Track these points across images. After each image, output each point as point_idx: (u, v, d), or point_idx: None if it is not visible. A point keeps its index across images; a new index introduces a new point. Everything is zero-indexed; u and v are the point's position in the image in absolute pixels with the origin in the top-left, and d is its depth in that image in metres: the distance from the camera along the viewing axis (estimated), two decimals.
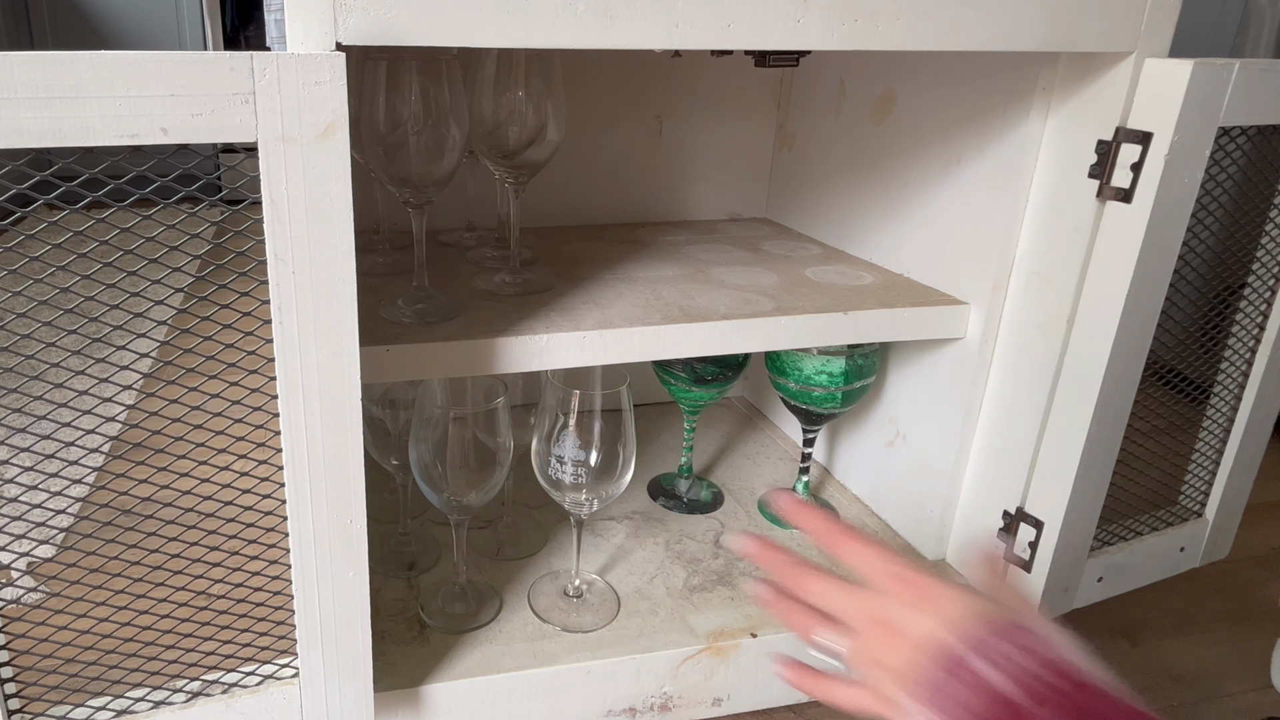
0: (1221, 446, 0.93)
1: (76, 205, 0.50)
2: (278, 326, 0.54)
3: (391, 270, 0.86)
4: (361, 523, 0.61)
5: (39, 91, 0.45)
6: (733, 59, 1.08)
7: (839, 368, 0.89)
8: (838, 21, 0.60)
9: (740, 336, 0.76)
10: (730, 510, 1.00)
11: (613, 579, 0.86)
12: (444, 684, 0.72)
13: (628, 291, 0.81)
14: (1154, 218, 0.68)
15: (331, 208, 0.53)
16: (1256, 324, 0.88)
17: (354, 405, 0.58)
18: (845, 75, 1.00)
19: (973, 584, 0.44)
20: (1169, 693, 0.93)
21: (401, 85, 0.66)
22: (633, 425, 0.75)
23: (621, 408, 0.74)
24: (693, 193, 1.15)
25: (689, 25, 0.57)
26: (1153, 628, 1.03)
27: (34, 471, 0.53)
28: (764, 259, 0.96)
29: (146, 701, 0.64)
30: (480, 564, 0.88)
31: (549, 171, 0.80)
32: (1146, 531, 0.87)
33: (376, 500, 0.96)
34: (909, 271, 0.91)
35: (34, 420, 0.54)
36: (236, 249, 0.54)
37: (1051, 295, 0.76)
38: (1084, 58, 0.71)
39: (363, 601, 0.63)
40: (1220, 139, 0.70)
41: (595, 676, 0.76)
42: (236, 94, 0.48)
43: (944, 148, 0.85)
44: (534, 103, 0.74)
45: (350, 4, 0.51)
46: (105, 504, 0.56)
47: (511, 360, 0.70)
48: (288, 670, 0.66)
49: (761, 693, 0.82)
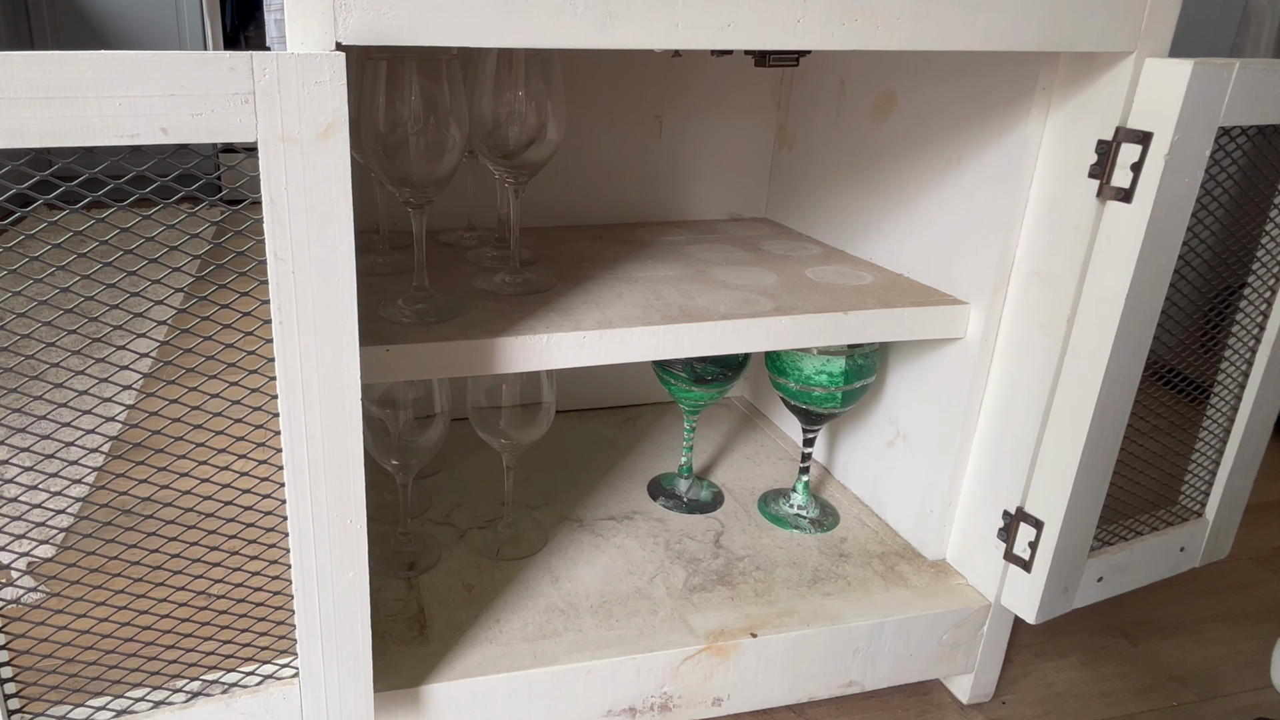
0: (1221, 446, 0.93)
1: (76, 205, 0.50)
2: (278, 326, 0.54)
3: (391, 270, 0.86)
4: (361, 523, 0.61)
5: (39, 91, 0.45)
6: (733, 59, 1.08)
7: (839, 368, 0.89)
8: (838, 21, 0.60)
9: (740, 336, 0.76)
10: (730, 510, 1.00)
11: (613, 579, 0.86)
12: (444, 684, 0.72)
13: (628, 291, 0.81)
14: (1154, 218, 0.68)
15: (331, 208, 0.53)
16: (1256, 324, 0.88)
17: (354, 405, 0.58)
18: (845, 75, 1.00)
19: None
20: (1169, 693, 0.93)
21: (401, 85, 0.66)
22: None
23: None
24: (693, 193, 1.15)
25: (689, 25, 0.57)
26: (1153, 628, 1.03)
27: (34, 471, 0.53)
28: (764, 259, 0.96)
29: (146, 701, 0.64)
30: (480, 564, 0.88)
31: (549, 171, 0.80)
32: (1146, 531, 0.87)
33: (376, 500, 0.96)
34: (909, 271, 0.91)
35: (34, 420, 0.54)
36: (236, 249, 0.54)
37: (1051, 295, 0.76)
38: (1084, 57, 0.71)
39: (363, 601, 0.63)
40: (1220, 139, 0.70)
41: (595, 676, 0.76)
42: (236, 94, 0.48)
43: (944, 148, 0.85)
44: (534, 103, 0.74)
45: (350, 4, 0.51)
46: (105, 504, 0.56)
47: (511, 360, 0.70)
48: (288, 670, 0.66)
49: (761, 693, 0.82)
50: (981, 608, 0.85)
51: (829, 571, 0.89)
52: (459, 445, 1.09)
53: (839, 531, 0.97)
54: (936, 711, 0.89)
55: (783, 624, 0.81)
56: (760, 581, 0.87)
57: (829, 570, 0.90)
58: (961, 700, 0.90)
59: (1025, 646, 0.98)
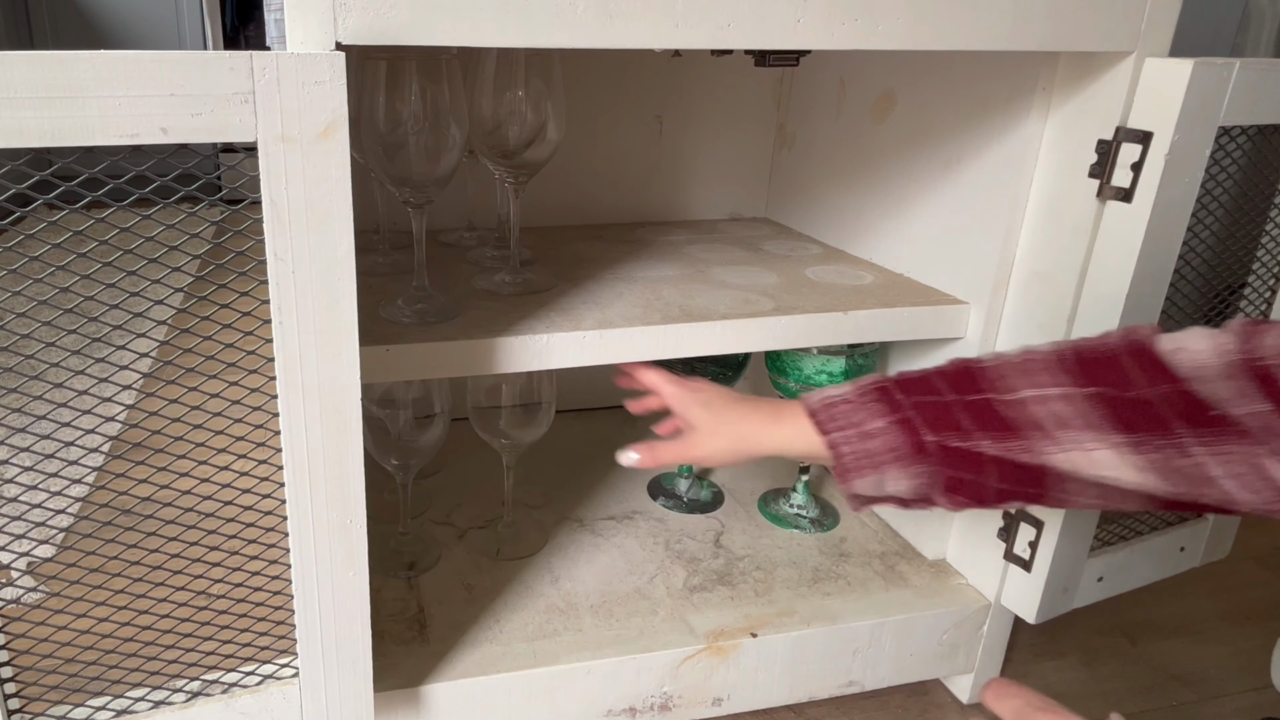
0: None
1: (76, 205, 0.50)
2: (278, 326, 0.54)
3: (391, 270, 0.86)
4: (361, 523, 0.61)
5: (39, 91, 0.45)
6: (733, 59, 1.08)
7: (839, 368, 0.89)
8: (838, 21, 0.60)
9: (740, 336, 0.76)
10: (730, 510, 1.00)
11: (613, 579, 0.86)
12: (444, 684, 0.72)
13: (628, 291, 0.81)
14: (1154, 217, 0.68)
15: (331, 208, 0.53)
16: None
17: (354, 405, 0.58)
18: (845, 75, 1.00)
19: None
20: (1169, 693, 0.93)
21: (401, 85, 0.66)
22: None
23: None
24: (693, 193, 1.15)
25: (689, 25, 0.57)
26: (1153, 628, 1.03)
27: (34, 471, 0.53)
28: (764, 259, 0.96)
29: (146, 701, 0.64)
30: (480, 564, 0.88)
31: (549, 171, 0.80)
32: (1146, 531, 0.87)
33: (376, 500, 0.96)
34: (909, 271, 0.91)
35: (34, 420, 0.54)
36: (236, 249, 0.54)
37: (1051, 295, 0.76)
38: (1084, 57, 0.71)
39: (363, 601, 0.63)
40: (1220, 139, 0.70)
41: (595, 676, 0.76)
42: (236, 94, 0.48)
43: (944, 148, 0.85)
44: (534, 103, 0.74)
45: (350, 4, 0.51)
46: (105, 504, 0.56)
47: (511, 360, 0.70)
48: (288, 670, 0.66)
49: (761, 693, 0.82)
50: (981, 607, 0.86)
51: (829, 571, 0.89)
52: (459, 445, 1.09)
53: (839, 531, 0.97)
54: (936, 711, 0.89)
55: (783, 624, 0.81)
56: (760, 581, 0.87)
57: (829, 570, 0.90)
58: (961, 700, 0.90)
59: (1025, 646, 0.98)
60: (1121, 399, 0.49)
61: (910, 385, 0.56)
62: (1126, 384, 0.49)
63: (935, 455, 0.53)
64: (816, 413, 0.58)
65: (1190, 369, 0.47)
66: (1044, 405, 0.51)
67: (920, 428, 0.54)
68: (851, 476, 0.56)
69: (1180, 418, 0.47)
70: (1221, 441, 0.46)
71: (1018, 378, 0.53)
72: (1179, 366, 0.48)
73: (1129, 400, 0.49)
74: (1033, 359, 0.53)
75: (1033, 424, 0.51)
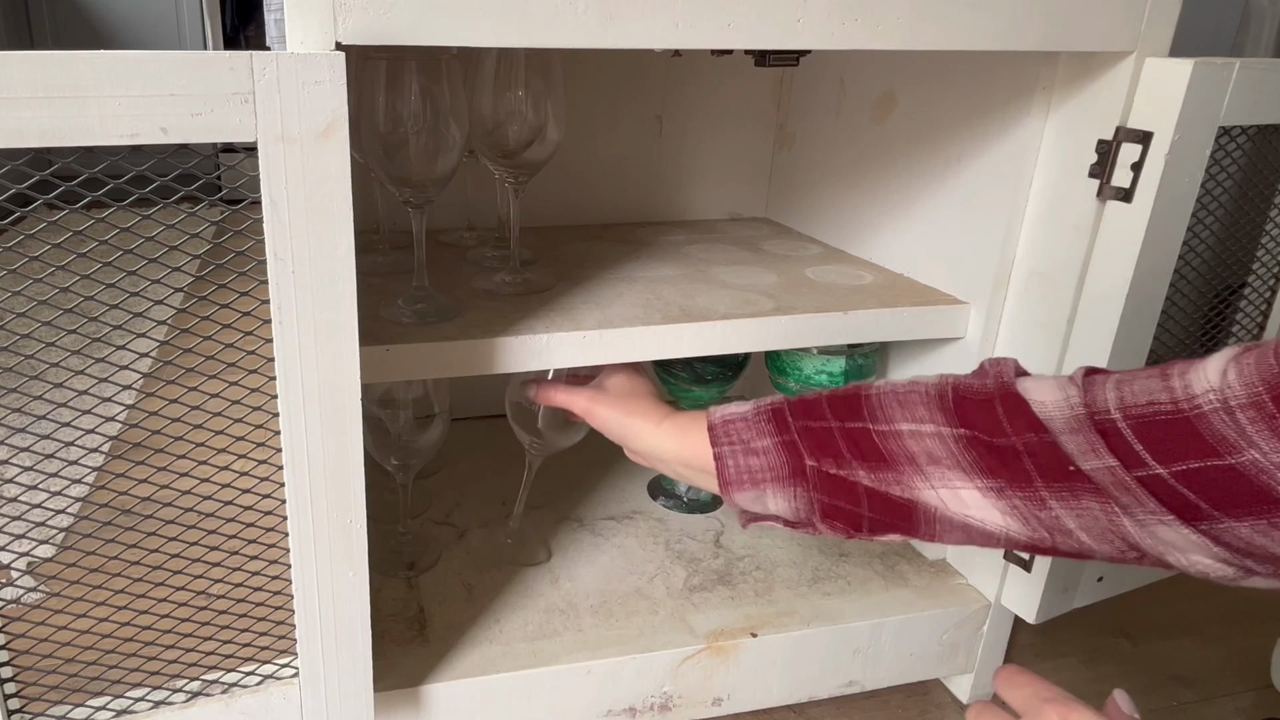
0: None
1: (76, 205, 0.50)
2: (278, 326, 0.54)
3: (391, 270, 0.85)
4: (361, 523, 0.61)
5: (39, 91, 0.45)
6: (733, 59, 1.08)
7: (839, 367, 0.88)
8: (838, 21, 0.60)
9: (740, 336, 0.76)
10: (730, 510, 1.00)
11: (613, 579, 0.86)
12: (444, 684, 0.72)
13: (628, 291, 0.81)
14: (1154, 217, 0.68)
15: (331, 208, 0.53)
16: (1256, 324, 0.88)
17: (354, 405, 0.58)
18: (845, 75, 1.00)
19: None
20: (1169, 693, 0.93)
21: (401, 85, 0.66)
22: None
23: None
24: (693, 193, 1.15)
25: (689, 25, 0.57)
26: (1153, 628, 1.03)
27: (34, 471, 0.53)
28: (764, 259, 0.96)
29: (146, 701, 0.64)
30: (480, 564, 0.88)
31: (549, 171, 0.80)
32: None
33: (376, 500, 0.96)
34: (909, 271, 0.91)
35: (34, 420, 0.54)
36: (236, 249, 0.54)
37: (1051, 295, 0.76)
38: (1084, 57, 0.71)
39: (363, 601, 0.63)
40: (1220, 139, 0.70)
41: (595, 676, 0.76)
42: (236, 94, 0.48)
43: (944, 148, 0.85)
44: (534, 102, 0.74)
45: (350, 4, 0.51)
46: (105, 504, 0.56)
47: (511, 360, 0.70)
48: (288, 670, 0.66)
49: (761, 692, 0.82)
50: (981, 607, 0.86)
51: (829, 571, 0.89)
52: (459, 445, 1.09)
53: None
54: (936, 711, 0.89)
55: (783, 624, 0.81)
56: (760, 581, 0.87)
57: (829, 570, 0.90)
58: (961, 700, 0.90)
59: (1025, 646, 0.98)
60: (991, 445, 0.49)
61: (802, 409, 0.56)
62: (996, 430, 0.48)
63: (814, 480, 0.54)
64: (714, 427, 0.58)
65: (1045, 420, 0.47)
66: (919, 441, 0.51)
67: (804, 452, 0.54)
68: (731, 490, 0.57)
69: (1039, 470, 0.47)
70: (1076, 497, 0.46)
71: (897, 409, 0.52)
72: (1040, 417, 0.48)
73: (997, 447, 0.48)
74: (915, 392, 0.53)
75: (907, 458, 0.51)
